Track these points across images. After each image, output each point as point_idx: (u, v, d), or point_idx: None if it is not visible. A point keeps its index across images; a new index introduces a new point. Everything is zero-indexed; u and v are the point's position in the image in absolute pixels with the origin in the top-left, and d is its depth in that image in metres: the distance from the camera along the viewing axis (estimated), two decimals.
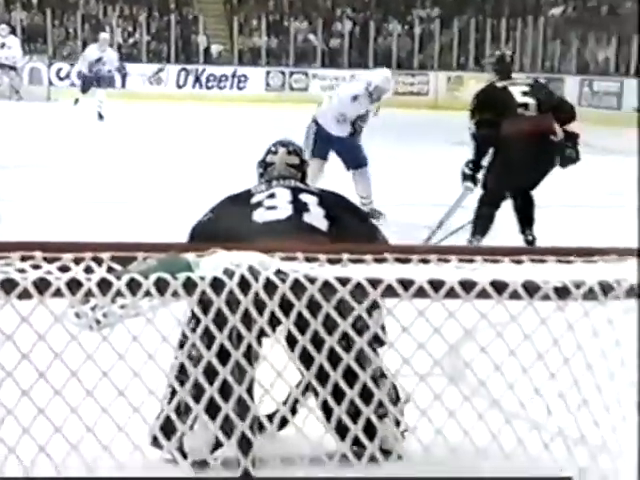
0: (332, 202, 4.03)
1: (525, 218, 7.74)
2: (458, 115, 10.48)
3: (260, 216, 3.83)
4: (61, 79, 26.36)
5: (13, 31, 25.06)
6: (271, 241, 3.22)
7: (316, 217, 3.85)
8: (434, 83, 27.64)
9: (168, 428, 2.61)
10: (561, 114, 7.70)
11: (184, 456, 2.62)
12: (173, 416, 2.56)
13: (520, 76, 8.82)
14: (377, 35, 29.14)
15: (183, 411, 2.57)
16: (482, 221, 7.64)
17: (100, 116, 18.85)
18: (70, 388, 2.34)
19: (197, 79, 27.50)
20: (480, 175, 7.72)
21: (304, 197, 3.98)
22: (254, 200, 3.95)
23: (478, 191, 7.74)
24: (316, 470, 2.51)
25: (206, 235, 3.79)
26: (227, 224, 3.84)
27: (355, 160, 8.94)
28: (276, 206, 3.90)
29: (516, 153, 7.57)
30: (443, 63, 28.53)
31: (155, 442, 2.71)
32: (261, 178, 4.33)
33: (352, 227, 3.90)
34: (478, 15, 28.71)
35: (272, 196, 3.98)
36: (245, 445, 2.40)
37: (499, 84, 7.89)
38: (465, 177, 7.75)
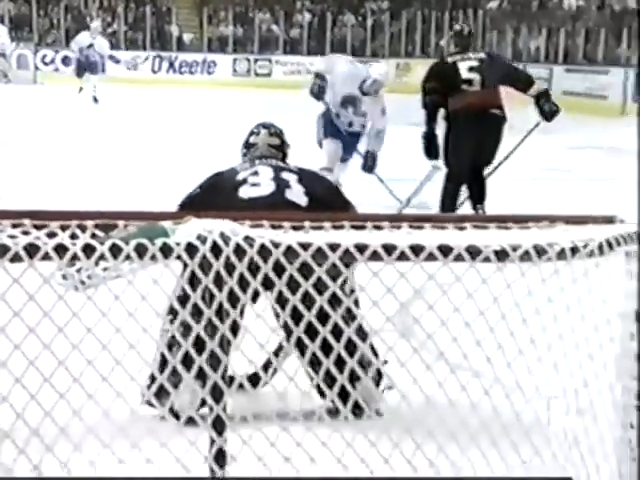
0: (311, 180, 3.97)
1: (477, 195, 7.59)
2: (408, 98, 10.45)
3: (245, 192, 3.79)
4: (46, 64, 26.28)
5: (1, 20, 24.83)
6: None
7: (297, 194, 3.80)
8: None
9: (156, 388, 2.57)
10: (518, 83, 7.50)
11: (174, 414, 2.60)
12: (158, 375, 2.53)
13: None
14: (333, 26, 29.07)
15: (169, 371, 2.54)
16: (448, 198, 7.48)
17: (95, 99, 18.71)
18: (58, 343, 2.32)
19: (171, 65, 27.36)
20: (441, 148, 7.54)
21: (285, 175, 3.92)
22: (239, 177, 3.89)
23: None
24: (286, 424, 2.52)
25: (194, 209, 3.74)
26: (214, 200, 3.80)
27: (346, 155, 8.32)
28: (259, 183, 3.84)
29: (463, 127, 7.38)
30: (392, 51, 28.52)
31: (147, 402, 2.67)
32: (244, 158, 4.26)
33: (329, 203, 3.81)
34: (424, 8, 28.71)
35: (255, 174, 3.91)
36: (217, 394, 2.39)
37: (450, 59, 7.67)
38: (427, 152, 7.58)
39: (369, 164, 8.20)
